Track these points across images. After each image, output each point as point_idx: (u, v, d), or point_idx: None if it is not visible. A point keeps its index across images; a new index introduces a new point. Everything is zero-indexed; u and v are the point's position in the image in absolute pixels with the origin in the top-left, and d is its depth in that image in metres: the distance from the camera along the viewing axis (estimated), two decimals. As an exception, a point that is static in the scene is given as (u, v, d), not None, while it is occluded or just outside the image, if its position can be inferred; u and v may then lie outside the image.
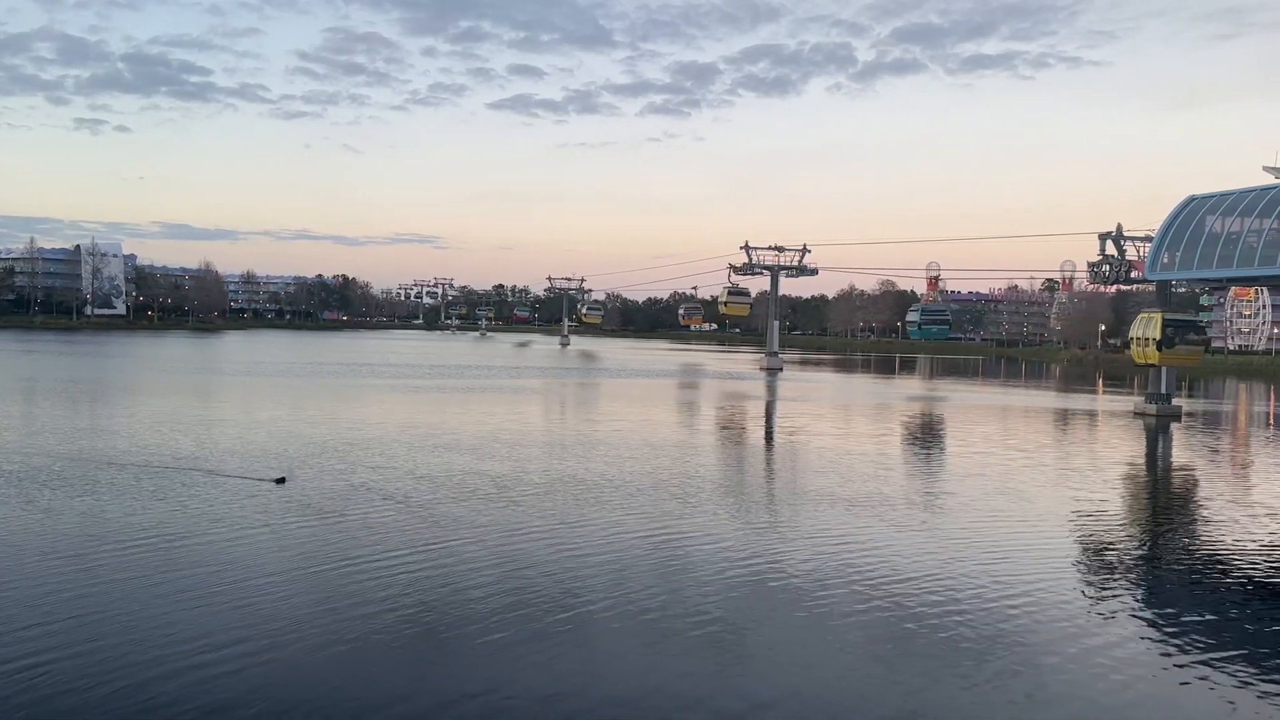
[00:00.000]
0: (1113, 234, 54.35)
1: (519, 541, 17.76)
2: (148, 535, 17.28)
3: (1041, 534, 20.27)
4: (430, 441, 31.24)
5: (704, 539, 18.38)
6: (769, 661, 12.04)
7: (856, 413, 50.63)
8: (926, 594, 15.02)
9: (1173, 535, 21.20)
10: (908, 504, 22.97)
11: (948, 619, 13.78)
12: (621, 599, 14.25)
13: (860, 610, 14.11)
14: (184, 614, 12.97)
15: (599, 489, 23.36)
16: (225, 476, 23.37)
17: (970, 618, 13.86)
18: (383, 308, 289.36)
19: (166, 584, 14.37)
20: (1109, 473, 30.15)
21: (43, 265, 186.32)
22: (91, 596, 13.64)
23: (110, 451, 26.97)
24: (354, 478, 23.87)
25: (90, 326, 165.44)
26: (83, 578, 14.59)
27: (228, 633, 12.24)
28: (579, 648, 12.21)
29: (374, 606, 13.54)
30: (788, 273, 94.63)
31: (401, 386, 57.55)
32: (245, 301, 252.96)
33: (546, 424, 40.50)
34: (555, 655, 11.89)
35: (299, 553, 16.46)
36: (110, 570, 15.03)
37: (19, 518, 18.49)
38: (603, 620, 13.29)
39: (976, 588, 15.51)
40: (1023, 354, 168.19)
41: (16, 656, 11.24)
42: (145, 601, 13.47)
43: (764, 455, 33.00)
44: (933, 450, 34.99)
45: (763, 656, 12.20)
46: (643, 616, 13.51)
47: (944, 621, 13.66)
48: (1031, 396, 67.91)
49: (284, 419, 37.36)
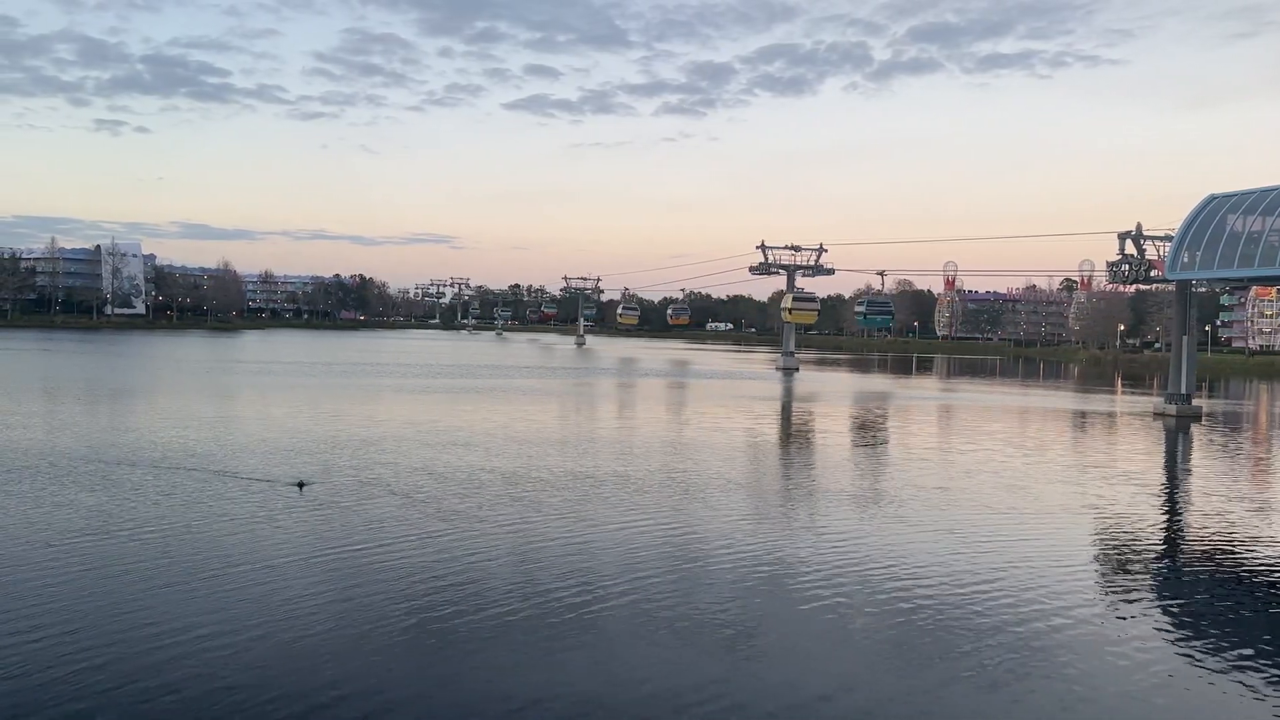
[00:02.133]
0: (1132, 233, 53.92)
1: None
2: (159, 531, 17.41)
3: (1060, 535, 20.13)
4: (448, 440, 31.30)
5: (718, 538, 18.36)
6: (787, 661, 12.00)
7: (873, 412, 50.43)
8: (944, 594, 14.94)
9: (1192, 536, 21.02)
10: (923, 503, 22.86)
11: (967, 620, 13.69)
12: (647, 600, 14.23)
13: (875, 609, 14.05)
14: (200, 604, 13.06)
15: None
16: (246, 479, 23.49)
17: (990, 618, 13.76)
18: (399, 307, 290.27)
19: (184, 576, 14.48)
20: (1128, 473, 29.91)
21: (63, 265, 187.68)
22: (116, 592, 13.75)
23: (135, 451, 27.17)
24: (368, 475, 23.95)
25: (110, 326, 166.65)
26: (114, 583, 14.70)
27: (244, 621, 12.33)
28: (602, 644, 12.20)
29: (398, 604, 13.59)
30: (804, 272, 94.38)
31: (442, 387, 57.71)
32: (263, 301, 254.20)
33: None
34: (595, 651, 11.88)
35: (313, 547, 16.53)
36: (122, 560, 15.17)
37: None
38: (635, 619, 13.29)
39: (995, 587, 15.41)
40: (1040, 354, 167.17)
41: (62, 648, 11.36)
42: (166, 591, 13.58)
43: (780, 454, 32.91)
44: (952, 450, 34.79)
45: (778, 656, 12.16)
46: (660, 615, 13.52)
47: (964, 622, 13.57)
48: (1050, 397, 67.50)
49: (305, 418, 37.53)
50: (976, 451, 33.71)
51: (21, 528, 17.52)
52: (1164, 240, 52.75)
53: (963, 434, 41.01)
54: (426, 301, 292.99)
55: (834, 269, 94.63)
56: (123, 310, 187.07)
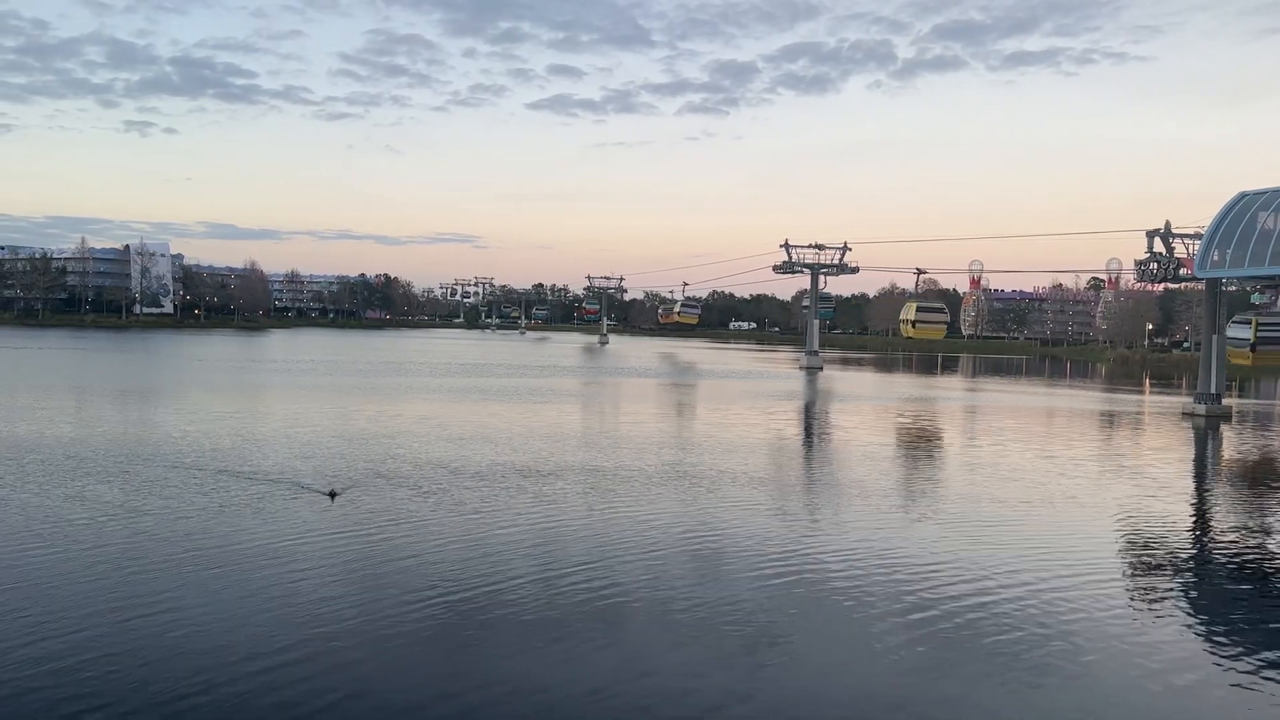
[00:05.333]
0: (1161, 231, 53.32)
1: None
2: (190, 531, 17.61)
3: (1087, 536, 19.98)
4: (467, 436, 31.43)
5: (742, 533, 18.36)
6: (809, 661, 11.99)
7: (899, 412, 50.17)
8: (969, 594, 14.86)
9: (1221, 538, 20.79)
10: (948, 503, 22.74)
11: (992, 619, 13.62)
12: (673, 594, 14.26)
13: (900, 609, 14.01)
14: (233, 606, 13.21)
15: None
16: (280, 484, 23.71)
17: (1016, 618, 13.69)
18: (424, 307, 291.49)
19: (220, 575, 14.65)
20: (1156, 474, 29.62)
21: (93, 265, 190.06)
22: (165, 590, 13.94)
23: (173, 451, 27.49)
24: (405, 475, 24.11)
25: (139, 325, 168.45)
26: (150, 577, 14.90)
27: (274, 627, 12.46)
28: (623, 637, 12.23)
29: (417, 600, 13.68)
30: (828, 271, 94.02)
31: (469, 387, 57.95)
32: (289, 300, 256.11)
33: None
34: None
35: (344, 549, 16.67)
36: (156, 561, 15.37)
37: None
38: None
39: (1022, 586, 15.32)
40: (1067, 353, 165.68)
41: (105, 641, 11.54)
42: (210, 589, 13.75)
43: (804, 452, 32.82)
44: (980, 450, 34.57)
45: (802, 656, 12.14)
46: (680, 612, 13.53)
47: (989, 622, 13.50)
48: (1077, 397, 66.92)
49: (339, 418, 37.81)
50: (1003, 452, 33.47)
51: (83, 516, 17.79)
52: (1193, 238, 52.15)
53: (990, 434, 40.71)
54: (451, 301, 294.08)
55: (858, 268, 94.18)
56: (151, 309, 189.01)
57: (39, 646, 11.49)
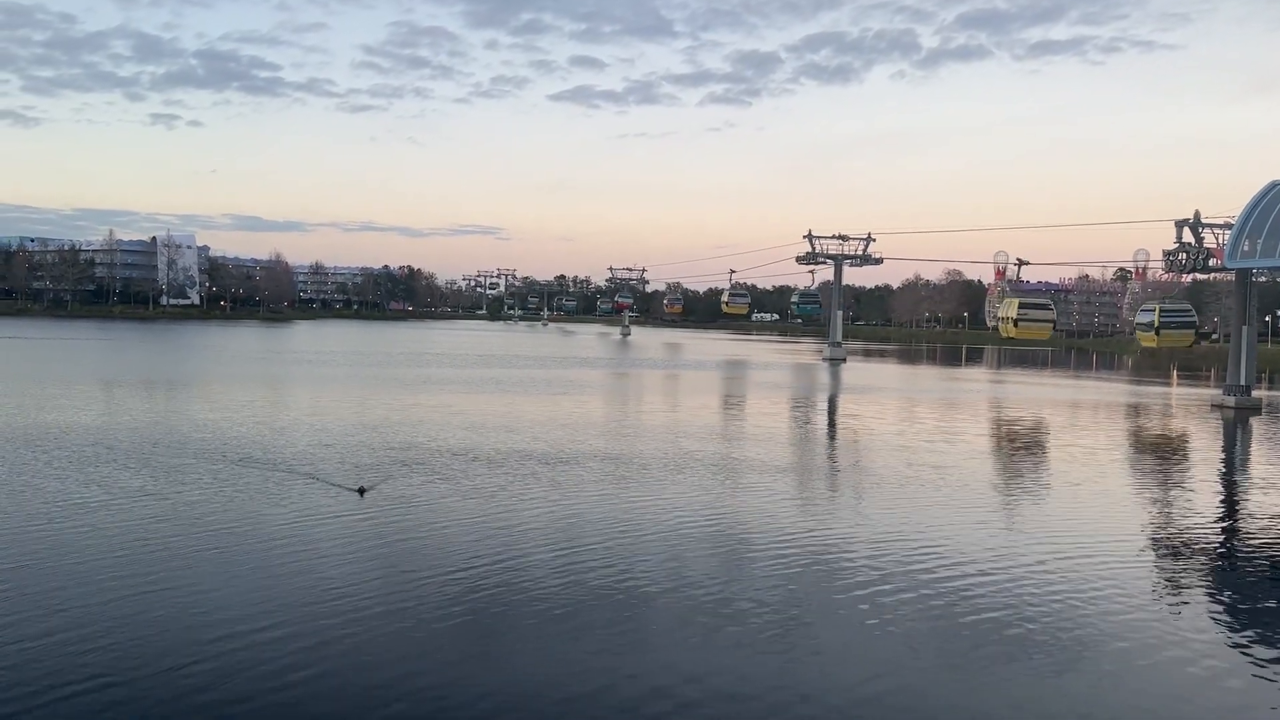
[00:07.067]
0: (1190, 221, 52.67)
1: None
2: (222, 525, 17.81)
3: (1113, 527, 19.82)
4: (493, 426, 31.58)
5: (762, 521, 18.36)
6: (833, 657, 11.99)
7: (923, 404, 49.94)
8: (995, 588, 14.80)
9: (1249, 531, 20.58)
10: (969, 492, 22.63)
11: (1017, 612, 13.55)
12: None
13: (923, 603, 13.96)
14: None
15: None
16: (309, 480, 23.92)
17: (1040, 610, 13.62)
18: (447, 298, 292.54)
19: (242, 562, 14.84)
20: (1184, 466, 29.35)
21: (120, 257, 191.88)
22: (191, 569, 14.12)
23: (209, 444, 27.79)
24: (432, 478, 24.25)
25: (166, 316, 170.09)
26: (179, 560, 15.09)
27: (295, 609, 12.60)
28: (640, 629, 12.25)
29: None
30: (851, 262, 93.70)
31: (498, 378, 58.23)
32: (314, 292, 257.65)
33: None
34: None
35: (370, 541, 16.80)
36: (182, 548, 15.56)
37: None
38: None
39: (1047, 579, 15.24)
40: (1093, 345, 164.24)
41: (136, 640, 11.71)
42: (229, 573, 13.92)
43: (828, 443, 32.73)
44: (1003, 443, 34.37)
45: (826, 651, 12.13)
46: (699, 603, 13.56)
47: (1013, 615, 13.44)
48: (1103, 389, 66.37)
49: (369, 410, 38.06)
50: (1030, 443, 33.26)
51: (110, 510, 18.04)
52: (1223, 228, 51.45)
53: (1016, 425, 40.45)
54: (474, 292, 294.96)
55: (882, 258, 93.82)
56: (178, 301, 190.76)
57: (57, 618, 11.67)
